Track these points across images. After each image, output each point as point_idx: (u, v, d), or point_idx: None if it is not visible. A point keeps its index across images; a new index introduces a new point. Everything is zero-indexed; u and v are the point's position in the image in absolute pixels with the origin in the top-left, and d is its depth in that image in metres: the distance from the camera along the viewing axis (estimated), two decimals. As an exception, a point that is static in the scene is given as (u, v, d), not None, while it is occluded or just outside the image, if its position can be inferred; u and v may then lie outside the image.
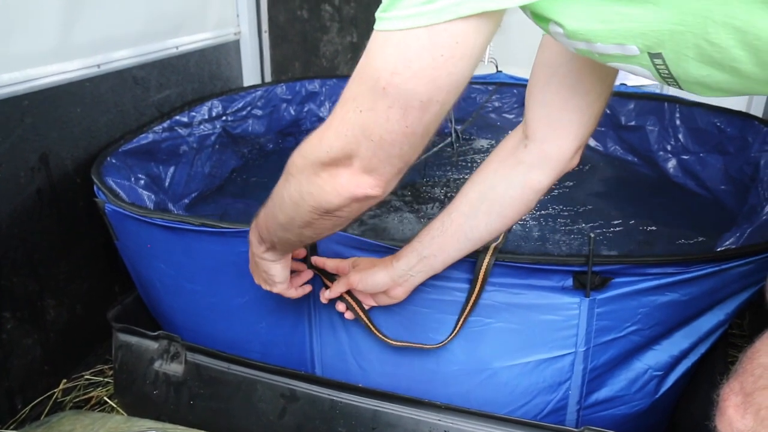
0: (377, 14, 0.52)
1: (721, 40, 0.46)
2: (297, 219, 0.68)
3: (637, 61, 0.53)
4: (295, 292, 0.91)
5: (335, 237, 0.93)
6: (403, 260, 0.86)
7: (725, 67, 0.49)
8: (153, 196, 1.32)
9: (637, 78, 1.38)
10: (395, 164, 0.59)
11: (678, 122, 1.68)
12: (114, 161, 1.28)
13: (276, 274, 0.85)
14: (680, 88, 0.56)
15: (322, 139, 0.59)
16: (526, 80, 0.78)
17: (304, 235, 0.72)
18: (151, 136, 1.44)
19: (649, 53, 0.51)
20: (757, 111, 1.78)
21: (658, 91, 1.92)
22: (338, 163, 0.59)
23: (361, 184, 0.59)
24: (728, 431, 0.64)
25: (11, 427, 1.17)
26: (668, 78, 0.54)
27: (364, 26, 2.58)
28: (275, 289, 0.88)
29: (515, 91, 1.95)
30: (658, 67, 0.53)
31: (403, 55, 0.51)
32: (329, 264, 0.93)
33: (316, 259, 0.94)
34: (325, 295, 0.93)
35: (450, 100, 0.55)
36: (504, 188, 0.81)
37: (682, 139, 1.67)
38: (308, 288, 0.94)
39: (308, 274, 0.94)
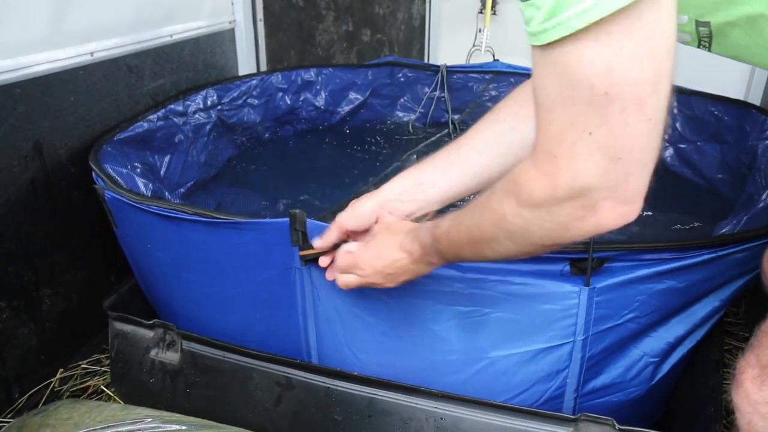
0: (536, 27, 0.46)
1: None
2: (517, 254, 0.62)
3: (681, 28, 0.51)
4: None
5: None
6: (393, 183, 0.80)
7: None
8: (150, 185, 1.31)
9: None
10: (650, 169, 0.50)
11: (675, 111, 1.68)
12: (110, 149, 1.27)
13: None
14: (709, 50, 0.53)
15: (555, 186, 0.50)
16: (523, 69, 0.77)
17: (515, 259, 0.68)
18: (146, 125, 1.43)
19: (696, 21, 0.49)
20: (755, 99, 1.78)
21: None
22: (586, 206, 0.51)
23: (620, 215, 0.51)
24: (745, 403, 0.65)
25: (8, 416, 1.17)
26: (705, 40, 0.52)
27: (360, 15, 2.56)
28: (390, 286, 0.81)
29: (512, 80, 1.94)
30: (701, 34, 0.51)
31: (609, 46, 0.44)
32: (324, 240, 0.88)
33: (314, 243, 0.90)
34: (316, 244, 0.87)
35: (672, 64, 0.46)
36: (525, 132, 0.75)
37: (679, 128, 1.66)
38: None
39: None
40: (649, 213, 1.36)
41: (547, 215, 0.53)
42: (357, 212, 0.82)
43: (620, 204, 0.50)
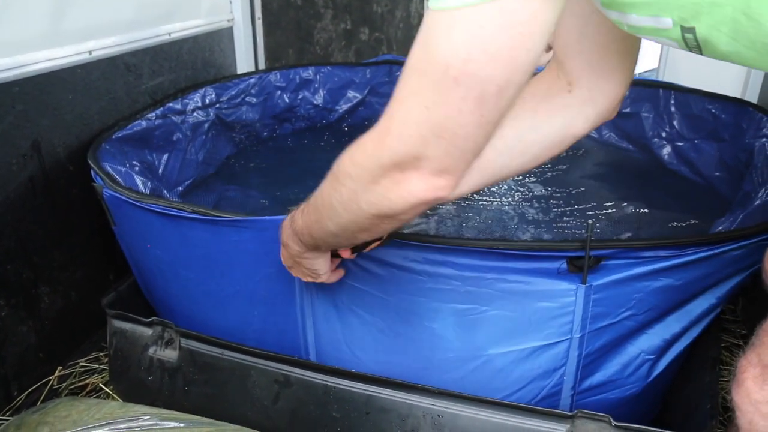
0: None
1: (762, 15, 0.45)
2: (352, 226, 0.64)
3: (667, 34, 0.51)
4: (335, 277, 0.88)
5: None
6: None
7: (756, 44, 0.47)
8: (149, 183, 1.31)
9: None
10: (468, 159, 0.54)
11: (673, 109, 1.68)
12: (108, 148, 1.27)
13: (320, 268, 0.83)
14: (701, 54, 0.54)
15: (382, 145, 0.54)
16: None
17: (359, 239, 0.68)
18: (144, 124, 1.43)
19: (682, 26, 0.50)
20: (752, 97, 1.78)
21: (653, 77, 1.91)
22: (403, 168, 0.54)
23: (431, 187, 0.54)
24: (746, 402, 0.65)
25: (7, 413, 1.17)
26: (694, 48, 0.52)
27: (358, 13, 2.56)
28: (320, 280, 0.85)
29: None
30: (687, 40, 0.51)
31: (477, 36, 0.45)
32: None
33: None
34: None
35: (525, 79, 0.49)
36: (546, 131, 0.76)
37: (676, 126, 1.67)
38: (342, 271, 0.91)
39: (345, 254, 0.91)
40: (646, 210, 1.36)
41: (371, 177, 0.56)
42: None
43: (433, 176, 0.54)
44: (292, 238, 0.78)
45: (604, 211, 1.42)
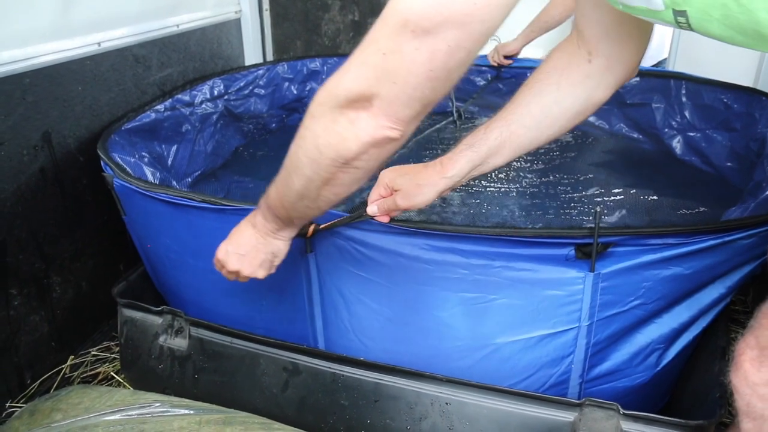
0: None
1: (751, 1, 0.46)
2: (315, 178, 0.67)
3: (660, 16, 0.53)
4: (263, 273, 0.88)
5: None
6: (454, 169, 0.83)
7: (747, 30, 0.49)
8: (158, 174, 1.32)
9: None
10: (415, 107, 0.58)
11: (684, 99, 1.66)
12: (118, 139, 1.28)
13: (282, 256, 0.84)
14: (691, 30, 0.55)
15: (341, 82, 0.59)
16: (526, 60, 0.78)
17: (323, 198, 0.70)
18: (153, 115, 1.44)
19: (673, 9, 0.51)
20: (765, 86, 1.76)
21: (664, 68, 1.89)
22: (357, 107, 0.58)
23: (380, 126, 0.59)
24: (744, 384, 0.65)
25: (21, 401, 1.19)
26: (687, 29, 0.54)
27: (366, 4, 2.55)
28: (261, 275, 0.86)
29: (515, 71, 1.93)
30: (680, 23, 0.53)
31: None
32: (373, 197, 0.88)
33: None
34: (372, 211, 0.87)
35: (477, 49, 0.54)
36: (570, 103, 0.79)
37: (688, 116, 1.65)
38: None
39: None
40: (655, 198, 1.35)
41: (330, 112, 0.60)
42: (418, 201, 0.84)
43: (384, 117, 0.58)
44: (262, 212, 0.80)
45: (612, 198, 1.41)
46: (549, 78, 0.80)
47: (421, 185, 0.83)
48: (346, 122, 0.59)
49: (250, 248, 0.84)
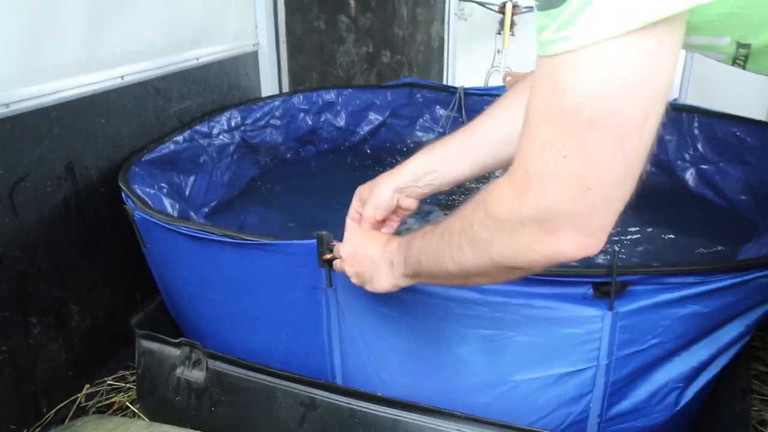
0: (546, 37, 0.46)
1: None
2: (474, 271, 0.61)
3: (721, 49, 0.51)
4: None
5: None
6: (409, 168, 0.82)
7: None
8: (177, 205, 1.34)
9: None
10: (617, 208, 0.49)
11: (696, 132, 1.68)
12: (138, 170, 1.31)
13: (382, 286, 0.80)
14: (743, 69, 0.55)
15: (522, 202, 0.50)
16: None
17: (473, 282, 0.66)
18: (172, 146, 1.47)
19: (738, 42, 0.50)
20: (777, 120, 1.77)
21: (676, 101, 1.91)
22: (547, 227, 0.50)
23: (580, 246, 0.50)
24: None
25: (36, 430, 1.19)
26: (739, 62, 0.53)
27: (380, 37, 2.61)
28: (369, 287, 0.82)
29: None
30: (739, 54, 0.51)
31: (606, 72, 0.43)
32: (350, 212, 0.89)
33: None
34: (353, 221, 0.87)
35: (662, 110, 0.46)
36: None
37: (700, 149, 1.67)
38: None
39: None
40: (672, 236, 1.35)
41: (510, 231, 0.53)
42: (381, 203, 0.84)
43: (582, 235, 0.50)
44: (400, 262, 0.74)
45: (628, 237, 1.42)
46: (519, 98, 0.77)
47: (376, 188, 0.84)
48: (532, 242, 0.52)
49: (365, 266, 0.81)
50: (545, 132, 0.47)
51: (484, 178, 0.97)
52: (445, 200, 1.68)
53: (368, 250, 0.80)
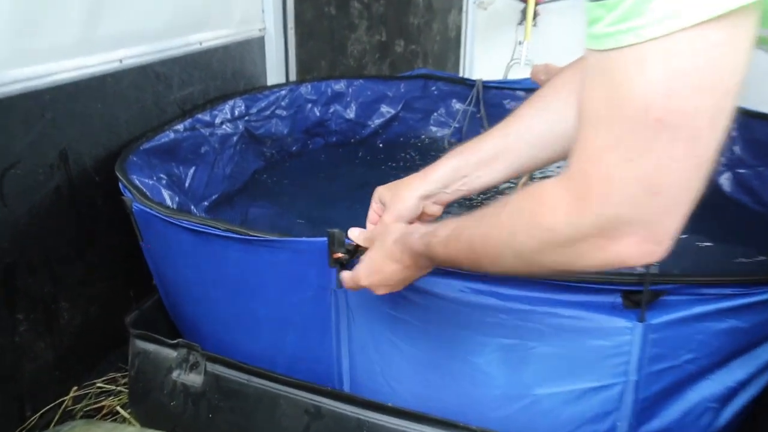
0: (600, 29, 0.44)
1: None
2: (519, 270, 0.61)
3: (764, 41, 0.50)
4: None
5: None
6: (437, 173, 0.81)
7: None
8: (176, 197, 1.34)
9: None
10: (686, 212, 0.48)
11: (734, 133, 1.67)
12: (136, 159, 1.31)
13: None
14: None
15: (581, 210, 0.49)
16: None
17: (507, 273, 0.66)
18: (172, 135, 1.47)
19: None
20: (821, 123, 1.75)
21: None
22: (611, 235, 0.49)
23: (644, 253, 0.49)
24: None
25: (20, 435, 1.19)
26: None
27: (394, 24, 2.61)
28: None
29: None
30: None
31: (676, 67, 0.42)
32: (369, 215, 0.89)
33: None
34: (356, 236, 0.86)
35: (733, 106, 0.45)
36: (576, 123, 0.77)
37: (738, 152, 1.65)
38: None
39: None
40: (708, 243, 1.34)
41: (567, 241, 0.52)
42: (405, 212, 0.83)
43: (648, 242, 0.49)
44: (426, 261, 0.75)
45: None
46: (558, 94, 0.76)
47: (400, 194, 0.83)
48: (592, 250, 0.51)
49: (396, 281, 0.81)
50: (606, 134, 0.46)
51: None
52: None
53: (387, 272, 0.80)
